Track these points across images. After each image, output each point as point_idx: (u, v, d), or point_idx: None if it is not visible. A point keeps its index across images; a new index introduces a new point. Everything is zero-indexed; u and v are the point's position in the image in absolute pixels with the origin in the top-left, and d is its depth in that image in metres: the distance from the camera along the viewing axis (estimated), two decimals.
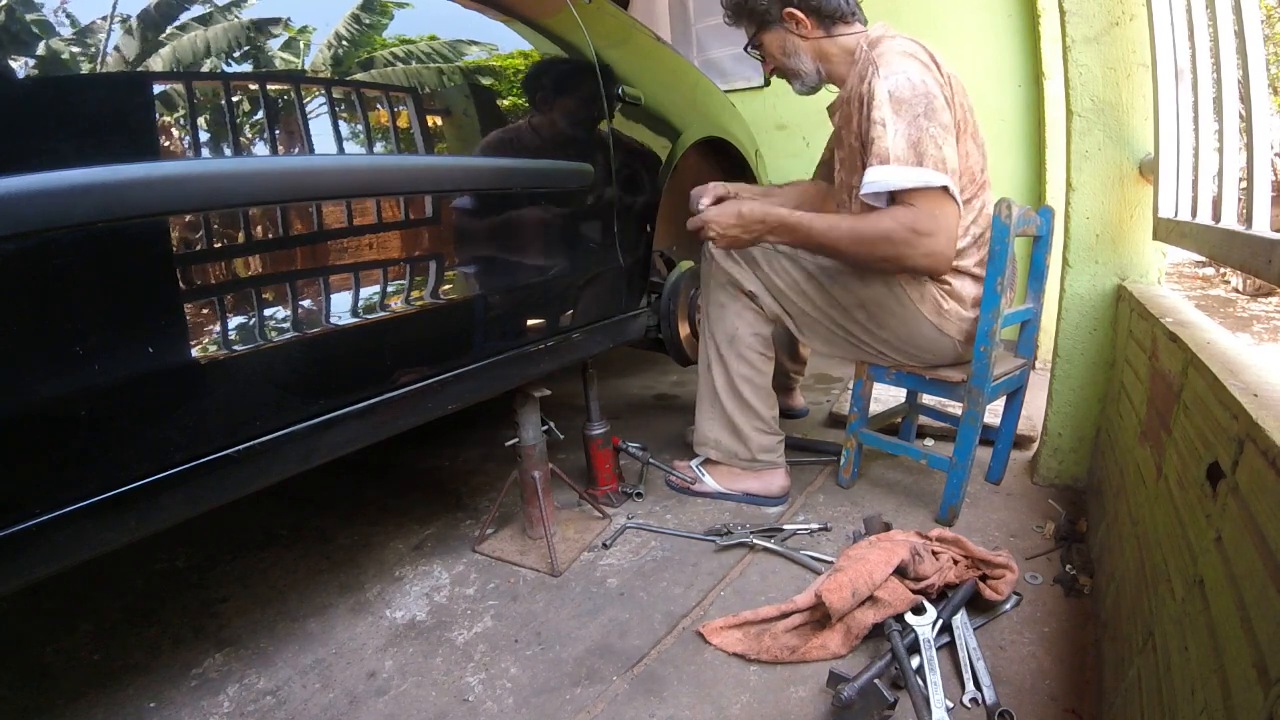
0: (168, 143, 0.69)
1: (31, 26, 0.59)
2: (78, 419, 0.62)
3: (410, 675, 0.98)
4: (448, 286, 1.01)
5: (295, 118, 0.80)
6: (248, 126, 0.76)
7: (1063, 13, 1.24)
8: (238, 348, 0.74)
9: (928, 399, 1.66)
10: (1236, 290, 4.65)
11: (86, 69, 0.62)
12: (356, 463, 1.72)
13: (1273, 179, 0.85)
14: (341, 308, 0.85)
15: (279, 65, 0.79)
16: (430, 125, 0.99)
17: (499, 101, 1.11)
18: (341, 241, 0.86)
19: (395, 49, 0.93)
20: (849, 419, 1.43)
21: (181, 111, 0.70)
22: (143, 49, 0.67)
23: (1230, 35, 0.81)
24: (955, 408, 1.57)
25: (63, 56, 0.60)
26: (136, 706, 0.95)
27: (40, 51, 0.59)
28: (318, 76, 0.83)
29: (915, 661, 0.89)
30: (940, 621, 0.94)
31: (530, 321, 1.16)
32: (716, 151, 1.90)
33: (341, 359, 0.87)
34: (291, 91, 0.80)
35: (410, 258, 0.96)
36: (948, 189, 1.08)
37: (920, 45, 1.18)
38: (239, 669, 1.01)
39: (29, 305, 0.59)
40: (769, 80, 1.39)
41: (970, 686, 0.87)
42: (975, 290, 1.24)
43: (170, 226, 0.68)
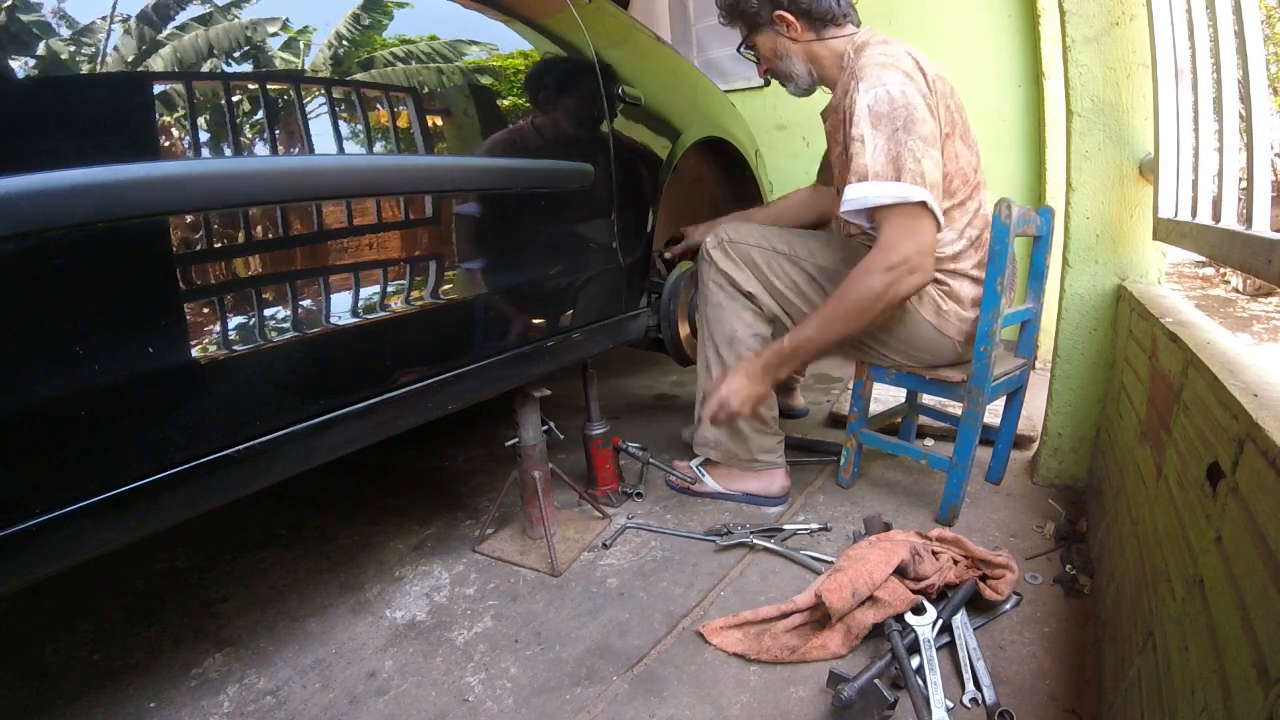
0: (168, 143, 0.69)
1: (31, 27, 0.59)
2: (78, 419, 0.62)
3: (410, 675, 0.98)
4: (448, 286, 1.01)
5: (295, 118, 0.80)
6: (248, 126, 0.76)
7: (1063, 13, 1.24)
8: (238, 348, 0.74)
9: (928, 399, 1.66)
10: (1236, 290, 4.65)
11: (86, 69, 0.62)
12: (356, 463, 1.72)
13: (1273, 179, 0.85)
14: (341, 308, 0.85)
15: (279, 65, 0.79)
16: (430, 125, 0.99)
17: (499, 102, 1.11)
18: (341, 241, 0.86)
19: (395, 49, 0.93)
20: (849, 419, 1.43)
21: (181, 111, 0.70)
22: (142, 49, 0.67)
23: (1230, 35, 0.81)
24: (955, 408, 1.57)
25: (62, 56, 0.60)
26: (136, 706, 0.95)
27: (40, 51, 0.59)
28: (318, 76, 0.83)
29: (915, 661, 0.89)
30: (940, 621, 0.94)
31: (530, 321, 1.16)
32: (716, 151, 1.90)
33: (341, 359, 0.87)
34: (291, 91, 0.80)
35: (410, 258, 0.96)
36: (925, 204, 1.09)
37: (905, 50, 1.17)
38: (239, 669, 1.01)
39: (29, 305, 0.59)
40: (763, 75, 1.38)
41: (970, 686, 0.87)
42: (974, 291, 1.24)
43: (170, 226, 0.68)
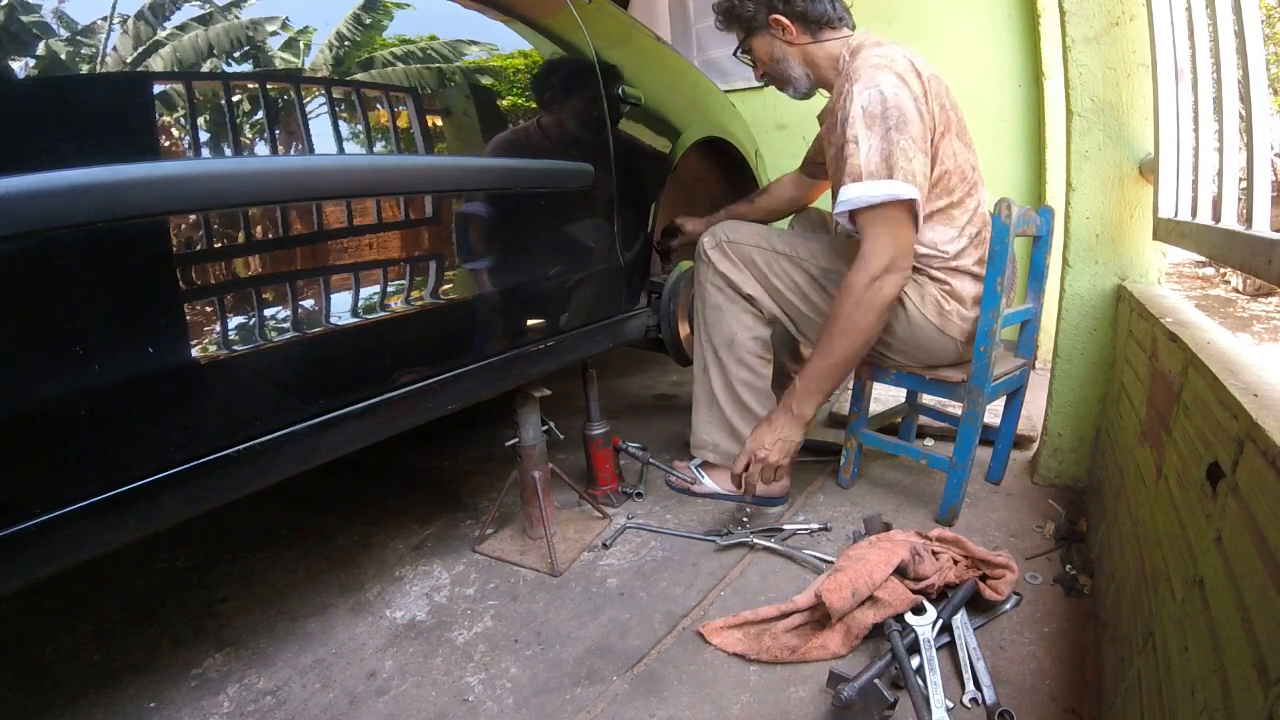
0: (168, 143, 0.69)
1: (31, 27, 0.59)
2: (78, 419, 0.62)
3: (410, 675, 0.98)
4: (447, 286, 1.01)
5: (295, 118, 0.80)
6: (248, 126, 0.76)
7: (1063, 13, 1.24)
8: (238, 348, 0.74)
9: (928, 399, 1.66)
10: (1236, 290, 4.65)
11: (86, 69, 0.62)
12: (356, 463, 1.72)
13: (1273, 179, 0.85)
14: (341, 308, 0.85)
15: (279, 65, 0.79)
16: (430, 125, 0.99)
17: (499, 102, 1.10)
18: (341, 241, 0.86)
19: (395, 49, 0.93)
20: (849, 419, 1.43)
21: (181, 111, 0.70)
22: (142, 49, 0.67)
23: (1230, 35, 0.81)
24: (955, 408, 1.57)
25: (62, 56, 0.60)
26: (136, 706, 0.95)
27: (40, 51, 0.59)
28: (318, 76, 0.83)
29: (915, 661, 0.89)
30: (940, 621, 0.94)
31: (530, 321, 1.16)
32: (716, 151, 1.90)
33: (341, 359, 0.87)
34: (291, 91, 0.80)
35: (410, 258, 0.96)
36: (911, 204, 1.11)
37: (900, 53, 1.17)
38: (239, 669, 1.01)
39: (29, 305, 0.59)
40: (761, 79, 1.39)
41: (970, 686, 0.87)
42: (975, 289, 1.24)
43: (170, 226, 0.68)
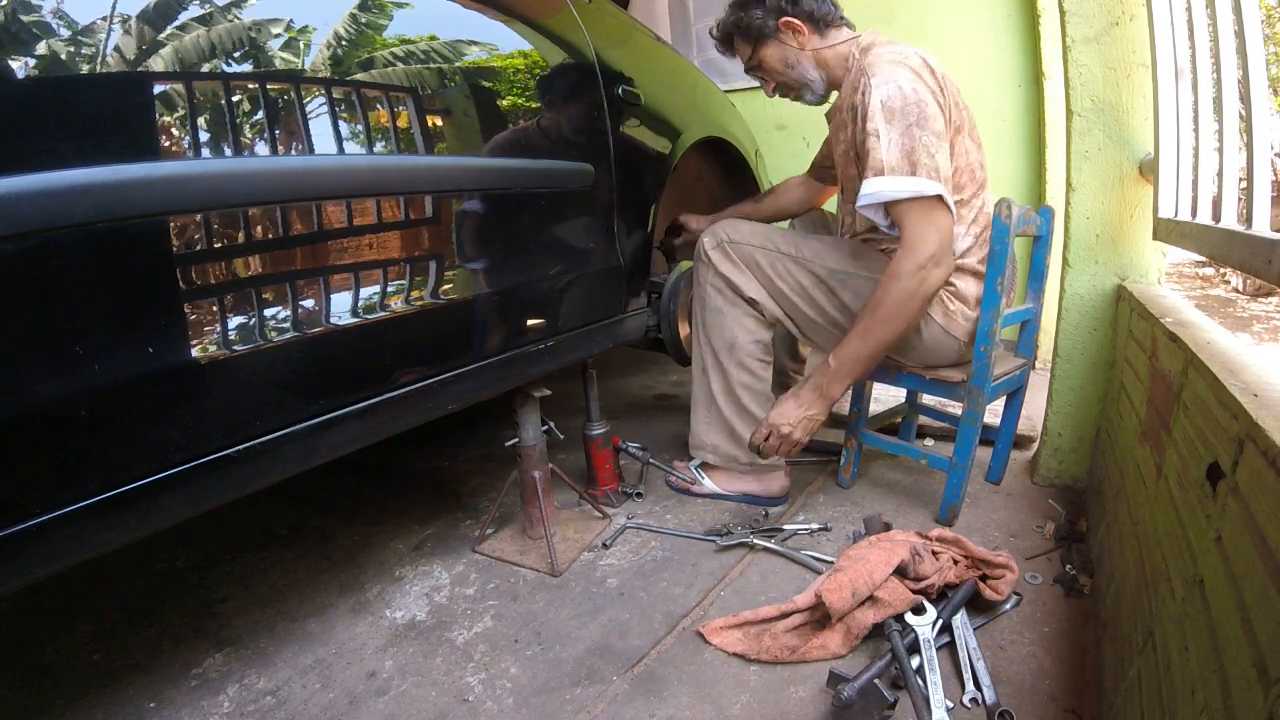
0: (168, 143, 0.69)
1: (31, 27, 0.59)
2: (78, 419, 0.62)
3: (410, 675, 0.98)
4: (447, 286, 1.01)
5: (295, 118, 0.80)
6: (248, 126, 0.76)
7: (1063, 13, 1.24)
8: (238, 348, 0.74)
9: (928, 399, 1.66)
10: (1236, 290, 4.65)
11: (86, 69, 0.62)
12: (356, 463, 1.72)
13: (1273, 179, 0.85)
14: (341, 308, 0.85)
15: (279, 65, 0.79)
16: (430, 125, 0.99)
17: (499, 102, 1.10)
18: (341, 241, 0.86)
19: (395, 49, 0.93)
20: (849, 419, 1.43)
21: (181, 111, 0.70)
22: (142, 49, 0.67)
23: (1230, 35, 0.81)
24: (955, 408, 1.57)
25: (62, 56, 0.60)
26: (136, 706, 0.95)
27: (40, 51, 0.59)
28: (318, 76, 0.83)
29: (915, 661, 0.89)
30: (940, 621, 0.94)
31: (530, 321, 1.16)
32: (716, 151, 1.90)
33: (341, 359, 0.87)
34: (291, 91, 0.80)
35: (410, 258, 0.96)
36: (941, 197, 1.10)
37: (912, 50, 1.17)
38: (239, 669, 1.01)
39: (29, 305, 0.59)
40: (772, 93, 1.37)
41: (970, 686, 0.87)
42: (978, 289, 1.24)
43: (170, 226, 0.68)
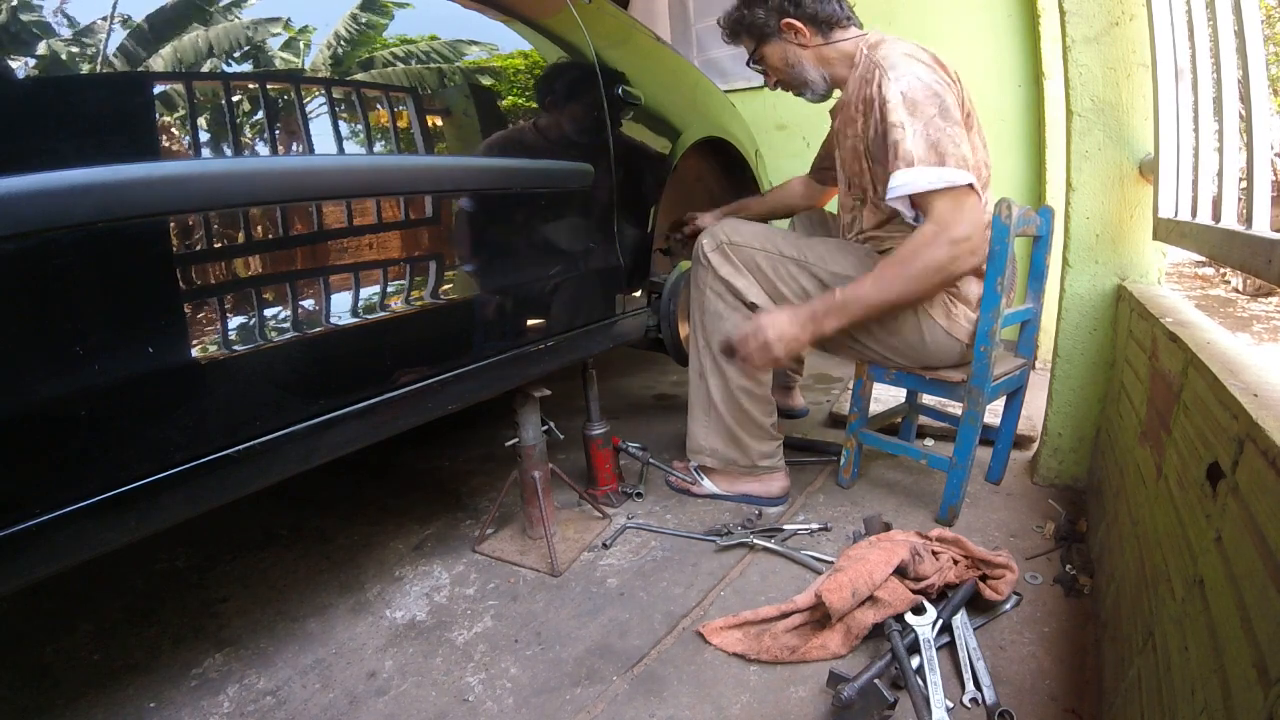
0: (168, 143, 0.69)
1: (31, 27, 0.59)
2: (78, 419, 0.62)
3: (410, 675, 0.98)
4: (447, 286, 1.01)
5: (295, 118, 0.80)
6: (248, 126, 0.76)
7: (1063, 13, 1.24)
8: (238, 348, 0.74)
9: (928, 399, 1.66)
10: (1236, 290, 4.65)
11: (86, 69, 0.62)
12: (356, 463, 1.72)
13: (1273, 179, 0.85)
14: (341, 308, 0.85)
15: (279, 65, 0.79)
16: (430, 125, 0.99)
17: (499, 102, 1.10)
18: (341, 241, 0.86)
19: (395, 49, 0.93)
20: (849, 419, 1.43)
21: (181, 111, 0.70)
22: (142, 49, 0.67)
23: (1230, 35, 0.81)
24: (955, 408, 1.57)
25: (62, 57, 0.60)
26: (136, 706, 0.95)
27: (40, 51, 0.59)
28: (318, 76, 0.83)
29: (915, 661, 0.89)
30: (940, 621, 0.94)
31: (530, 321, 1.16)
32: (716, 151, 1.90)
33: (341, 359, 0.87)
34: (291, 91, 0.80)
35: (410, 258, 0.96)
36: (972, 186, 1.09)
37: (920, 47, 1.18)
38: (239, 669, 1.01)
39: (29, 305, 0.59)
40: (774, 88, 1.39)
41: (970, 686, 0.87)
42: (980, 290, 1.24)
43: (170, 226, 0.68)
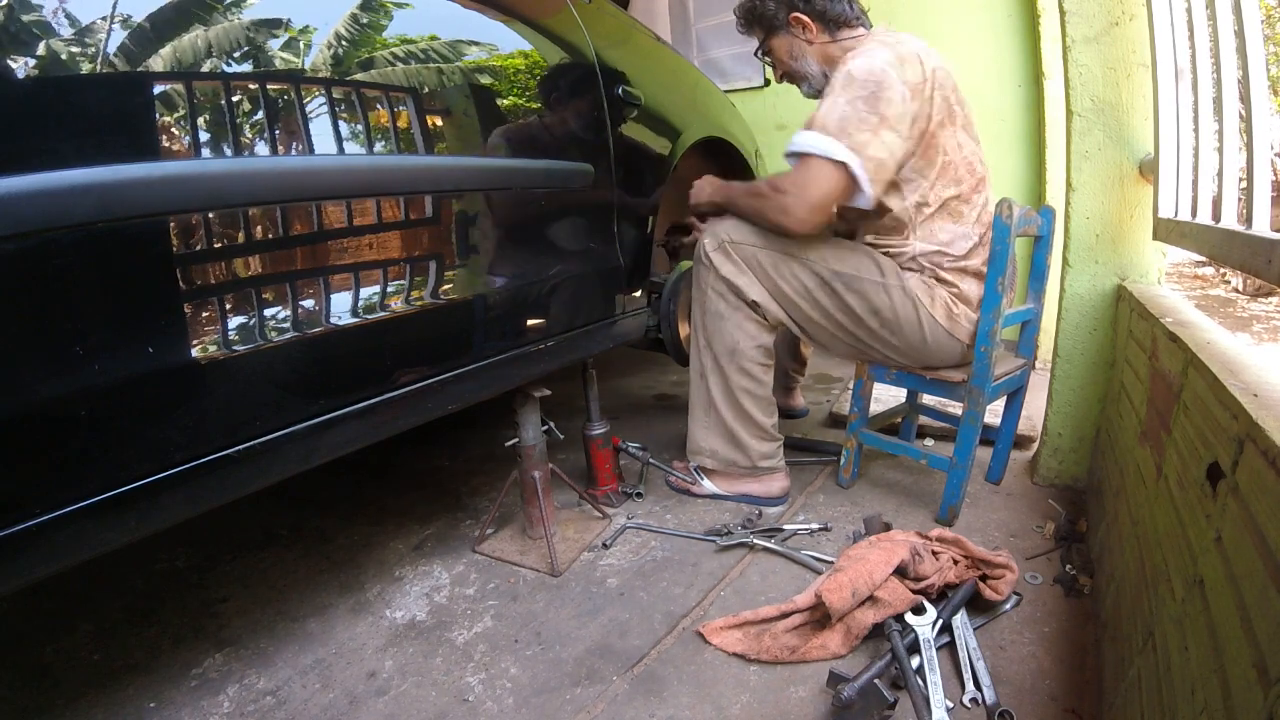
0: (168, 143, 0.69)
1: (31, 27, 0.59)
2: (78, 419, 0.62)
3: (410, 675, 0.98)
4: (447, 286, 1.01)
5: (295, 118, 0.80)
6: (248, 126, 0.76)
7: (1063, 13, 1.24)
8: (238, 348, 0.74)
9: (928, 399, 1.66)
10: (1236, 290, 4.65)
11: (86, 69, 0.62)
12: (356, 463, 1.72)
13: (1273, 179, 0.85)
14: (341, 308, 0.85)
15: (279, 65, 0.79)
16: (430, 125, 0.99)
17: (499, 102, 1.10)
18: (341, 241, 0.86)
19: (395, 49, 0.93)
20: (849, 419, 1.43)
21: (181, 111, 0.70)
22: (142, 49, 0.67)
23: (1230, 35, 0.81)
24: (955, 408, 1.57)
25: (62, 56, 0.60)
26: (136, 706, 0.95)
27: (40, 51, 0.59)
28: (318, 76, 0.83)
29: (915, 661, 0.89)
30: (940, 621, 0.94)
31: (530, 321, 1.16)
32: (717, 151, 1.90)
33: (341, 359, 0.87)
34: (291, 91, 0.80)
35: (410, 258, 0.96)
36: (846, 167, 1.13)
37: (914, 42, 1.19)
38: (239, 669, 1.01)
39: (29, 305, 0.59)
40: (780, 79, 1.41)
41: (970, 686, 0.87)
42: (981, 291, 1.24)
43: (170, 226, 0.68)
